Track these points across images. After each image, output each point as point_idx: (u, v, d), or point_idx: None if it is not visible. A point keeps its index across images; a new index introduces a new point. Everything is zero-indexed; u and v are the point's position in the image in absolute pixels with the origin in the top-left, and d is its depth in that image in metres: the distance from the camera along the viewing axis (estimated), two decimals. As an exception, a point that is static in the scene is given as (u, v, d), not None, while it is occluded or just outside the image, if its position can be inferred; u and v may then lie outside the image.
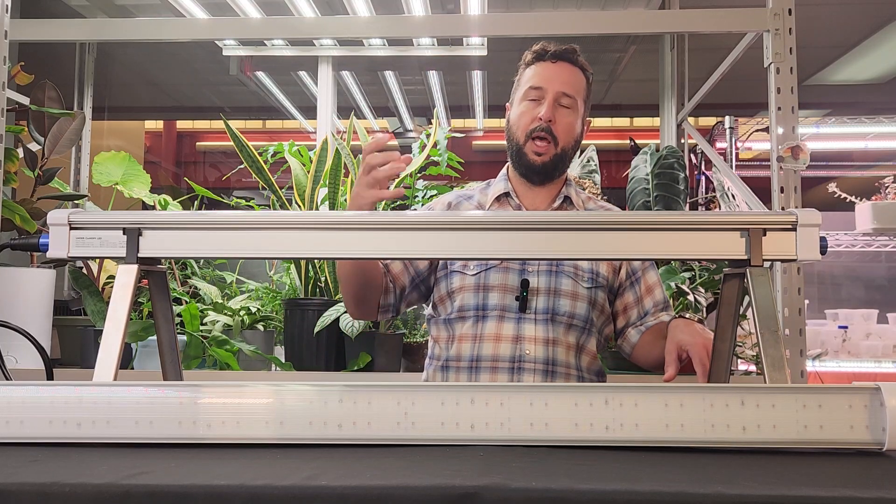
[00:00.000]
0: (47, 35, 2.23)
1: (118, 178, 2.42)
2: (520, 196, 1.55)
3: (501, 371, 1.44)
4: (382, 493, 0.63)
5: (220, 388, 0.83)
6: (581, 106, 1.51)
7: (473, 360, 1.45)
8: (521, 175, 1.54)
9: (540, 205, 1.54)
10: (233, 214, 1.02)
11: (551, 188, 1.55)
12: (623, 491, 0.63)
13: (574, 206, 1.55)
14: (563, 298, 1.46)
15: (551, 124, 1.47)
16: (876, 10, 3.96)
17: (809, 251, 0.96)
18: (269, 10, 2.92)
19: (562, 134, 1.48)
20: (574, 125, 1.50)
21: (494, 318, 1.45)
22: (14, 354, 1.55)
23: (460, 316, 1.48)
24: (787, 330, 1.85)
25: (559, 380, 1.43)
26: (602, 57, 4.64)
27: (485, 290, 1.47)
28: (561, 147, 1.49)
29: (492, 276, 1.47)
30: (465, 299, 1.48)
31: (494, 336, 1.45)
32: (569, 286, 1.47)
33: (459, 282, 1.49)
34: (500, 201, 1.55)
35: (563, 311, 1.45)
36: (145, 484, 0.64)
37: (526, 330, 1.44)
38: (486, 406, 0.80)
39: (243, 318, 2.14)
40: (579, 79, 1.52)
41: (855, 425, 0.80)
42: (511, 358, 1.43)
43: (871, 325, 3.51)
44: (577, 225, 0.99)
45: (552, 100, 1.47)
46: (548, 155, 1.48)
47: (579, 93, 1.50)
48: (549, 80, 1.48)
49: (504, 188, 1.55)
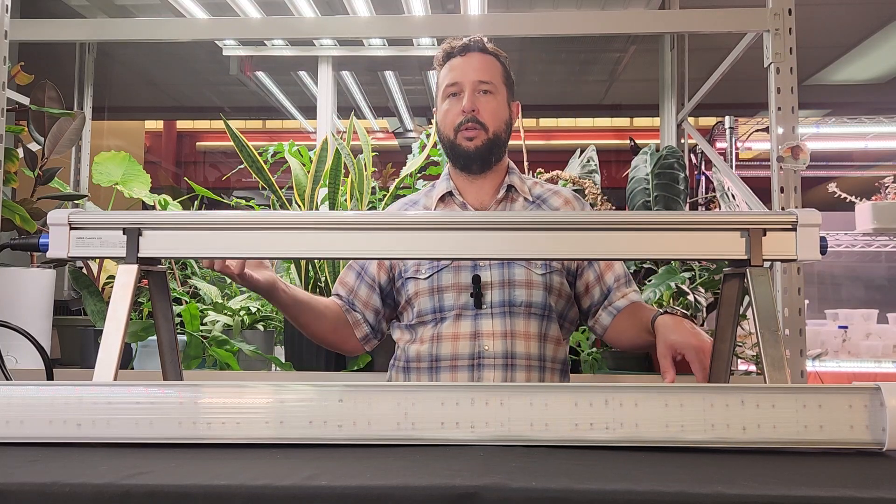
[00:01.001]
0: (47, 35, 2.22)
1: (118, 178, 2.42)
2: (462, 192, 1.56)
3: (461, 369, 1.44)
4: (382, 493, 0.63)
5: (220, 388, 0.83)
6: (502, 89, 1.53)
7: (433, 359, 1.46)
8: (460, 169, 1.55)
9: (484, 197, 1.55)
10: (233, 214, 1.02)
11: (493, 178, 1.56)
12: (623, 491, 0.63)
13: (519, 194, 1.56)
14: (517, 288, 1.46)
15: (475, 113, 1.49)
16: (876, 10, 3.96)
17: (809, 251, 0.96)
18: (269, 10, 2.92)
19: (489, 119, 1.50)
20: (499, 109, 1.51)
21: (452, 317, 1.46)
22: (14, 354, 1.55)
23: (420, 321, 1.49)
24: (787, 330, 1.85)
25: (519, 372, 1.43)
26: (602, 57, 4.64)
27: (439, 291, 1.48)
28: (492, 132, 1.50)
29: (444, 276, 1.48)
30: (422, 304, 1.49)
31: (453, 335, 1.45)
32: (522, 275, 1.47)
33: (414, 287, 1.50)
34: (444, 201, 1.56)
35: (519, 301, 1.46)
36: (145, 484, 0.64)
37: (483, 326, 1.45)
38: (486, 406, 0.80)
39: (243, 318, 2.14)
40: (493, 64, 1.54)
41: (855, 425, 0.80)
42: (470, 355, 1.44)
43: (871, 325, 3.51)
44: (580, 225, 0.99)
45: (471, 90, 1.49)
46: (479, 139, 1.49)
47: (495, 77, 1.52)
48: (462, 74, 1.51)
49: (446, 187, 1.57)
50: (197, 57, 4.60)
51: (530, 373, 1.45)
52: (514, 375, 1.43)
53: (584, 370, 2.07)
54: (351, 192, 2.16)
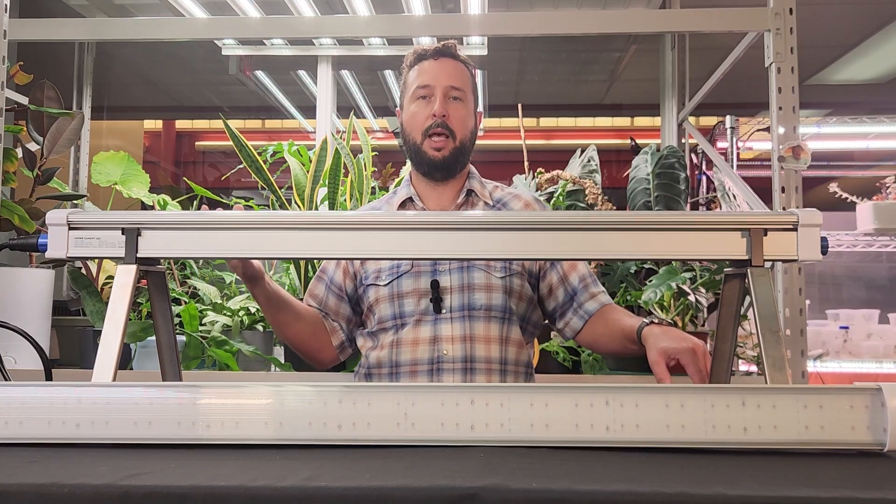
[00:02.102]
0: (46, 35, 2.22)
1: (117, 178, 2.42)
2: (423, 198, 1.56)
3: (420, 374, 1.44)
4: (382, 493, 0.63)
5: (219, 389, 0.83)
6: (471, 98, 1.54)
7: (393, 365, 1.45)
8: (423, 175, 1.55)
9: (444, 202, 1.55)
10: (232, 214, 1.01)
11: (453, 184, 1.56)
12: (623, 492, 0.62)
13: (479, 198, 1.56)
14: (477, 292, 1.46)
15: (445, 119, 1.48)
16: (876, 10, 3.96)
17: (810, 251, 0.96)
18: (269, 10, 2.92)
19: (457, 127, 1.50)
20: (467, 117, 1.52)
21: (412, 323, 1.46)
22: (13, 355, 1.55)
23: (381, 328, 1.49)
24: (788, 330, 1.85)
25: (479, 376, 1.43)
26: (602, 57, 4.64)
27: (399, 297, 1.47)
28: (459, 140, 1.50)
29: (404, 282, 1.47)
30: (382, 311, 1.48)
31: (412, 341, 1.45)
32: (482, 279, 1.47)
33: (374, 294, 1.50)
34: (405, 207, 1.56)
35: (478, 305, 1.45)
36: (144, 485, 0.64)
37: (443, 330, 1.44)
38: (486, 407, 0.80)
39: (242, 318, 2.13)
40: (463, 72, 1.54)
41: (856, 426, 0.80)
42: (430, 360, 1.43)
43: (873, 325, 3.51)
44: (583, 225, 0.98)
45: (442, 95, 1.49)
46: (447, 149, 1.49)
47: (466, 85, 1.53)
48: (435, 77, 1.51)
49: (407, 193, 1.57)
50: (196, 56, 4.60)
51: (490, 376, 1.44)
52: (474, 379, 1.42)
53: (585, 371, 2.07)
54: (351, 192, 2.16)
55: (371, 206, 1.69)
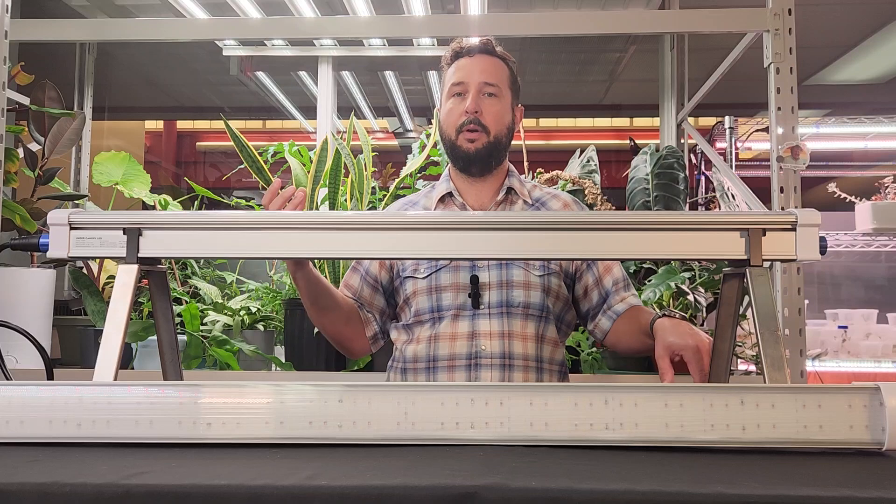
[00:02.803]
0: (47, 35, 2.22)
1: (118, 178, 2.42)
2: (462, 193, 1.56)
3: (458, 369, 1.44)
4: (382, 493, 0.63)
5: (220, 388, 0.83)
6: (507, 93, 1.53)
7: (430, 360, 1.46)
8: (460, 170, 1.56)
9: (483, 199, 1.56)
10: (233, 214, 1.02)
11: (492, 181, 1.56)
12: (623, 491, 0.63)
13: (518, 196, 1.56)
14: (515, 289, 1.46)
15: (478, 115, 1.49)
16: (876, 10, 3.96)
17: (809, 251, 0.96)
18: (269, 10, 2.92)
19: (491, 123, 1.50)
20: (502, 113, 1.52)
21: (450, 317, 1.46)
22: (14, 354, 1.55)
23: (417, 320, 1.49)
24: (787, 330, 1.85)
25: (517, 373, 1.43)
26: (602, 57, 4.64)
27: (437, 291, 1.48)
28: (493, 135, 1.50)
29: (442, 276, 1.48)
30: (419, 304, 1.49)
31: (450, 335, 1.45)
32: (520, 276, 1.47)
33: (412, 286, 1.50)
34: (444, 202, 1.57)
35: (517, 302, 1.46)
36: (145, 484, 0.64)
37: (481, 326, 1.45)
38: (485, 406, 0.80)
39: (243, 318, 2.14)
40: (500, 68, 1.54)
41: (854, 425, 0.80)
42: (467, 355, 1.44)
43: (871, 324, 3.50)
44: (578, 225, 0.99)
45: (476, 92, 1.50)
46: (480, 142, 1.49)
47: (502, 81, 1.53)
48: (469, 74, 1.51)
49: (446, 188, 1.57)
50: (197, 57, 4.60)
51: (527, 373, 1.45)
52: (512, 376, 1.43)
53: (584, 370, 2.07)
54: (351, 192, 2.16)
55: (409, 199, 1.68)
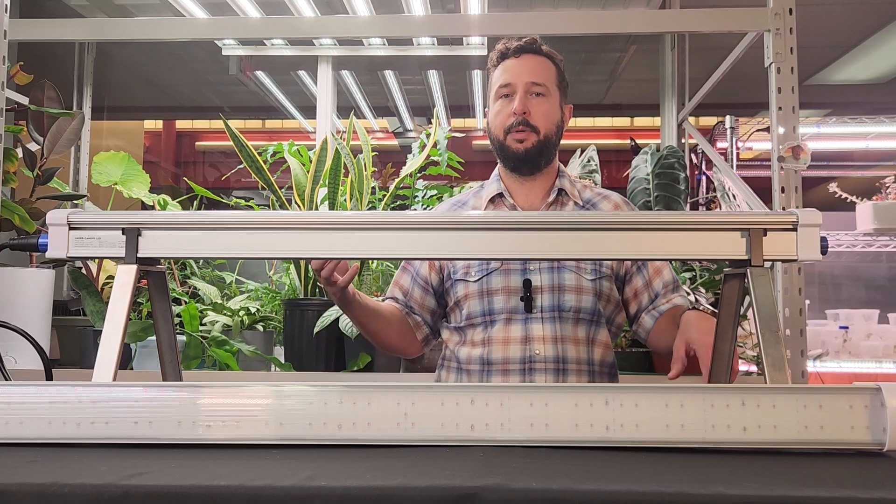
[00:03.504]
0: (47, 35, 2.22)
1: (117, 178, 2.42)
2: (513, 194, 1.56)
3: (513, 373, 1.44)
4: (382, 493, 0.63)
5: (219, 389, 0.83)
6: (555, 92, 1.53)
7: (484, 363, 1.46)
8: (510, 170, 1.55)
9: (534, 199, 1.55)
10: (233, 214, 1.01)
11: (543, 181, 1.55)
12: (623, 491, 0.62)
13: (570, 198, 1.55)
14: (567, 294, 1.46)
15: (526, 116, 1.48)
16: (876, 10, 3.96)
17: (810, 251, 0.96)
18: (269, 10, 2.92)
19: (540, 122, 1.49)
20: (550, 111, 1.51)
21: (502, 321, 1.46)
22: (13, 355, 1.55)
23: (469, 323, 1.49)
24: (788, 330, 1.85)
25: (570, 377, 1.44)
26: (602, 57, 4.64)
27: (489, 294, 1.47)
28: (543, 134, 1.50)
29: (494, 280, 1.47)
30: (471, 307, 1.48)
31: (503, 339, 1.45)
32: (572, 280, 1.47)
33: (463, 290, 1.50)
34: (494, 203, 1.56)
35: (568, 307, 1.45)
36: (145, 484, 0.64)
37: (534, 330, 1.44)
38: (486, 406, 0.80)
39: (243, 318, 2.14)
40: (546, 66, 1.53)
41: (855, 426, 0.80)
42: (521, 359, 1.44)
43: (872, 325, 3.50)
44: (578, 225, 0.98)
45: (523, 92, 1.49)
46: (529, 141, 1.49)
47: (549, 79, 1.52)
48: (516, 75, 1.51)
49: (497, 189, 1.56)
50: (196, 57, 4.59)
51: (580, 377, 1.45)
52: (566, 380, 1.43)
53: (585, 370, 2.06)
54: (350, 192, 2.16)
55: (457, 199, 1.66)
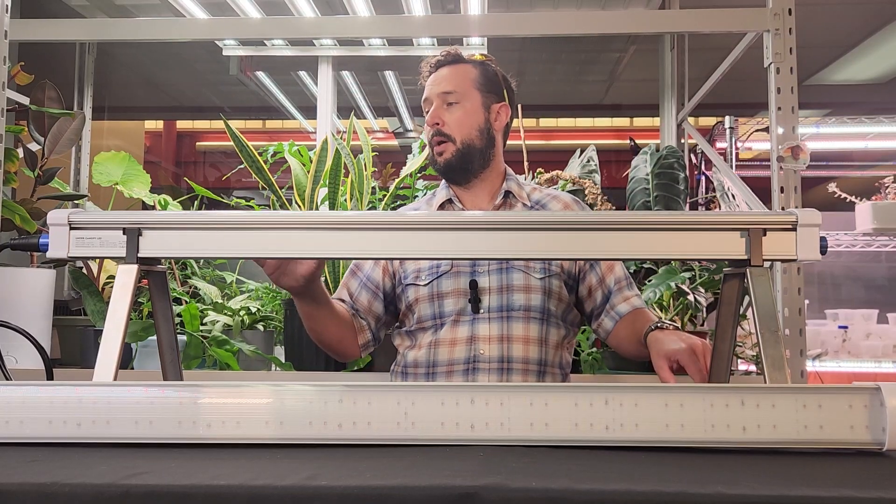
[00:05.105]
0: (47, 35, 2.22)
1: (118, 178, 2.42)
2: (461, 199, 1.58)
3: (456, 374, 1.45)
4: (382, 493, 0.63)
5: (220, 388, 0.83)
6: (473, 95, 1.54)
7: (430, 365, 1.47)
8: (448, 181, 1.59)
9: (481, 203, 1.57)
10: (233, 214, 1.02)
11: (484, 186, 1.57)
12: (623, 491, 0.62)
13: (517, 199, 1.56)
14: (515, 293, 1.47)
15: (440, 126, 1.51)
16: (876, 10, 3.96)
17: (809, 251, 0.96)
18: (269, 10, 2.92)
19: (455, 130, 1.51)
20: (464, 117, 1.52)
21: (450, 323, 1.47)
22: (14, 354, 1.55)
23: (420, 327, 1.51)
24: (787, 330, 1.85)
25: (515, 376, 1.44)
26: (602, 57, 4.64)
27: (439, 298, 1.48)
28: (461, 141, 1.51)
29: (444, 283, 1.49)
30: (422, 310, 1.50)
31: (450, 340, 1.46)
32: (521, 280, 1.48)
33: (414, 294, 1.51)
34: (444, 208, 1.58)
35: (517, 306, 1.46)
36: (145, 484, 0.64)
37: (480, 330, 1.45)
38: (486, 406, 0.80)
39: (243, 318, 2.14)
40: (462, 72, 1.55)
41: (855, 425, 0.80)
42: (466, 360, 1.45)
43: (872, 325, 3.51)
44: (578, 225, 0.98)
45: (437, 104, 1.53)
46: (448, 152, 1.51)
47: (463, 85, 1.54)
48: (430, 89, 1.55)
49: (446, 195, 1.58)
50: (197, 57, 4.60)
51: (527, 376, 1.45)
52: (510, 379, 1.43)
53: (584, 370, 2.07)
54: (351, 192, 2.16)
55: (412, 206, 1.72)
